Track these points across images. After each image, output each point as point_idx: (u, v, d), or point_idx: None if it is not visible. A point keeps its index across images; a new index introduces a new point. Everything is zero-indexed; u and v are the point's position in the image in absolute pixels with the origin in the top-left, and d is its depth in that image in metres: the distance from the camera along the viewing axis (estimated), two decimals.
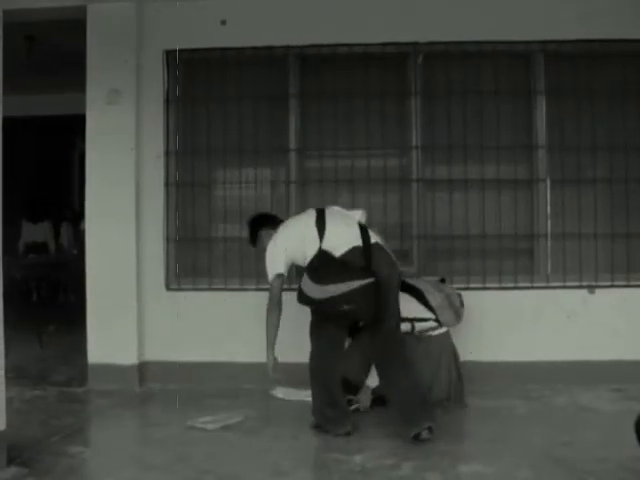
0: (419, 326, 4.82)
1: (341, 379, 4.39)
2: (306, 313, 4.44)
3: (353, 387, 4.74)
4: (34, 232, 10.33)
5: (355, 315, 4.22)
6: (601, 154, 5.49)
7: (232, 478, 3.68)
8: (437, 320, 4.86)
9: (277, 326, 4.39)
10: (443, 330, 4.90)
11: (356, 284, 4.06)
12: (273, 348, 4.40)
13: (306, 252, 4.32)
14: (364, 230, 4.34)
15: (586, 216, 5.49)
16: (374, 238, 4.32)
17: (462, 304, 4.98)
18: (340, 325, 4.36)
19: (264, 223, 4.74)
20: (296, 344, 4.59)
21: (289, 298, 4.40)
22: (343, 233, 4.30)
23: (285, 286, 4.48)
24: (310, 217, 4.43)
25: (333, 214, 4.46)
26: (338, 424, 4.26)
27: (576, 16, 5.33)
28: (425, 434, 4.03)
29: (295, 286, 4.46)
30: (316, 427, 4.35)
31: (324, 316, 4.28)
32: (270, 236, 4.53)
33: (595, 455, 3.86)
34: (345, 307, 4.09)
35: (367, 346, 4.44)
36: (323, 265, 4.20)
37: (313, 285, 4.13)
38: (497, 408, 4.83)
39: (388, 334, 4.24)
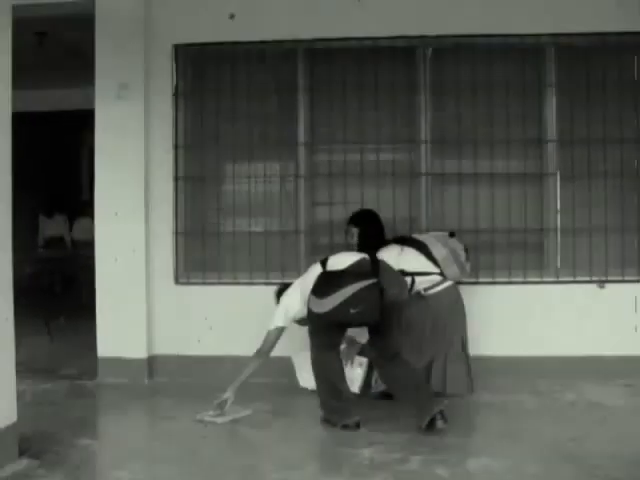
0: (422, 281, 4.81)
1: (343, 370, 4.41)
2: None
3: None
4: (51, 226, 10.56)
5: (363, 317, 4.21)
6: (611, 148, 5.46)
7: (241, 471, 3.69)
8: (442, 274, 4.87)
9: (254, 370, 4.53)
10: (449, 283, 4.91)
11: (360, 285, 4.11)
12: (237, 386, 4.51)
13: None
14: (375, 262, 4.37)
15: (596, 210, 5.47)
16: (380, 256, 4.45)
17: (468, 259, 5.00)
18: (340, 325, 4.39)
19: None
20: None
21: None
22: (347, 257, 4.38)
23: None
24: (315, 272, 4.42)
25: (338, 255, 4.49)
26: (344, 415, 4.27)
27: (587, 9, 5.30)
28: (440, 424, 4.07)
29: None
30: (325, 421, 4.36)
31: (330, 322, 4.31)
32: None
33: (605, 450, 3.86)
34: (352, 311, 4.12)
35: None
36: (326, 280, 4.24)
37: (319, 300, 4.19)
38: (506, 403, 4.82)
39: (388, 340, 4.33)
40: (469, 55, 5.51)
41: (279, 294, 4.72)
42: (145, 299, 5.53)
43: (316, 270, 4.38)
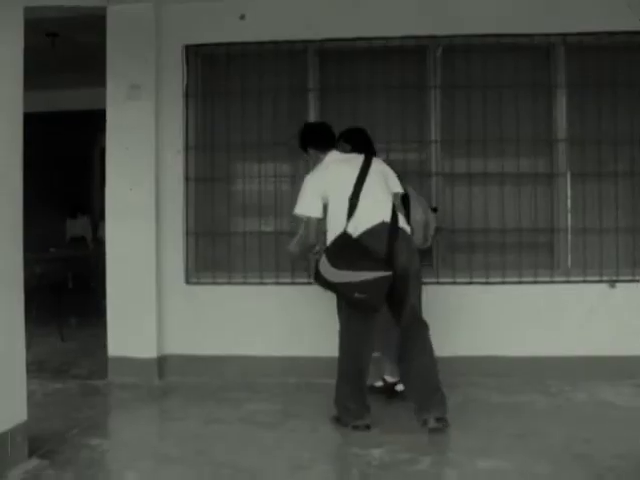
0: None
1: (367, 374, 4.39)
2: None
3: None
4: (75, 227, 11.00)
5: (366, 304, 4.17)
6: (622, 147, 5.44)
7: (251, 471, 3.70)
8: None
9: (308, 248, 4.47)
10: None
11: (369, 275, 4.05)
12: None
13: (333, 205, 4.30)
14: (394, 212, 4.29)
15: (607, 210, 5.45)
16: (401, 221, 4.30)
17: (433, 237, 4.92)
18: (367, 315, 4.30)
19: (313, 142, 4.63)
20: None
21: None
22: (373, 208, 4.25)
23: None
24: (354, 169, 4.34)
25: (374, 179, 4.34)
26: (357, 417, 4.26)
27: (597, 8, 5.27)
28: (432, 423, 4.09)
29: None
30: (336, 420, 4.36)
31: (345, 301, 4.28)
32: (317, 158, 4.55)
33: (615, 451, 3.84)
34: (357, 295, 4.09)
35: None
36: (342, 249, 4.18)
37: (330, 267, 4.13)
38: (516, 403, 4.81)
39: (410, 319, 4.26)
40: (479, 55, 5.49)
41: (303, 137, 4.67)
42: (156, 299, 5.55)
43: (353, 173, 4.29)
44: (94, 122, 8.38)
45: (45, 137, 9.85)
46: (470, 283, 5.39)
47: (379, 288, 4.08)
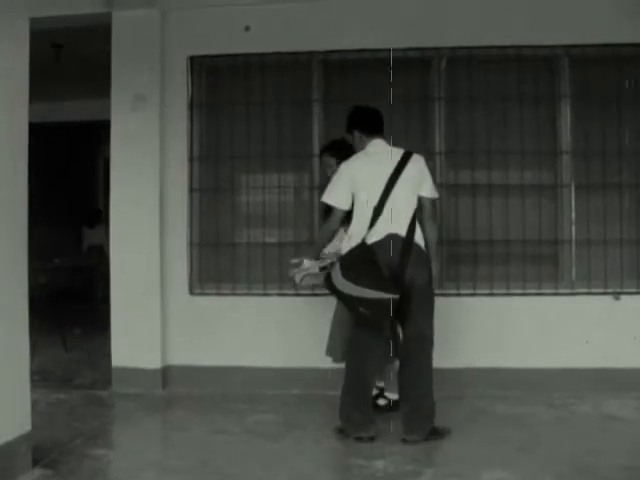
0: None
1: (373, 386, 4.38)
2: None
3: None
4: (92, 236, 11.26)
5: (369, 319, 4.17)
6: (626, 159, 5.44)
7: None
8: None
9: (328, 238, 4.47)
10: None
11: (375, 295, 4.04)
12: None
13: (359, 209, 4.29)
14: (413, 224, 4.25)
15: (611, 221, 5.44)
16: (417, 235, 4.26)
17: None
18: (377, 330, 4.30)
19: (360, 124, 4.55)
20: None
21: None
22: (392, 219, 4.21)
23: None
24: (387, 169, 4.28)
25: (403, 185, 4.26)
26: (361, 428, 4.25)
27: (600, 20, 5.28)
28: (409, 443, 4.15)
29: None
30: (339, 431, 4.35)
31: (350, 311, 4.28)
32: (360, 143, 4.49)
33: (620, 463, 3.83)
34: (361, 309, 4.10)
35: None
36: (356, 261, 4.16)
37: (340, 278, 4.12)
38: (521, 415, 4.80)
39: (412, 334, 4.25)
40: (483, 67, 5.50)
41: (350, 118, 4.58)
42: (160, 309, 5.55)
43: (386, 171, 4.25)
44: (98, 133, 8.42)
45: (49, 148, 9.87)
46: (474, 295, 5.39)
47: (383, 308, 4.07)
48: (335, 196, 4.35)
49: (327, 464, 4.06)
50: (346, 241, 4.32)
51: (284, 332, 5.48)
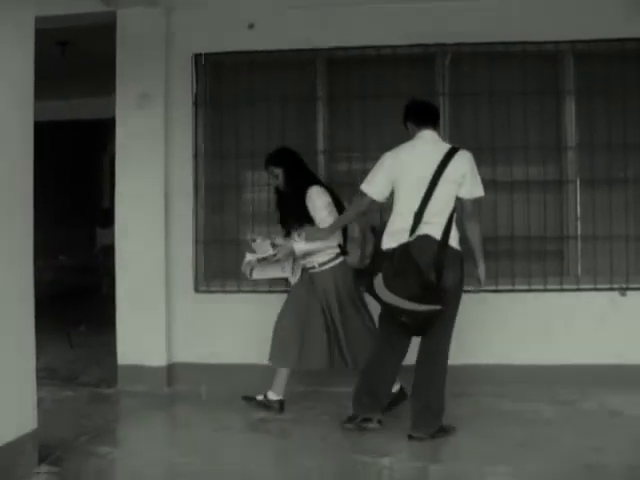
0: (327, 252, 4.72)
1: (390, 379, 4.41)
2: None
3: None
4: (104, 236, 11.43)
5: (407, 328, 4.18)
6: (631, 154, 5.43)
7: (260, 479, 3.69)
8: (343, 252, 4.72)
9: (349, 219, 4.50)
10: (339, 260, 4.72)
11: (421, 307, 4.01)
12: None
13: (398, 208, 4.25)
14: (450, 220, 4.18)
15: (617, 217, 5.42)
16: (452, 236, 4.19)
17: (370, 255, 4.70)
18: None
19: (411, 116, 4.44)
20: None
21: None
22: (431, 217, 4.14)
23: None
24: (429, 163, 4.16)
25: (444, 185, 4.15)
26: (370, 411, 4.28)
27: (605, 15, 5.26)
28: (415, 440, 4.14)
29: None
30: (349, 419, 4.33)
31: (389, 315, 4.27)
32: (412, 133, 4.40)
33: (625, 461, 3.83)
34: (401, 318, 4.10)
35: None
36: (398, 270, 4.06)
37: (383, 287, 4.07)
38: (526, 411, 4.79)
39: (428, 348, 4.24)
40: (488, 63, 5.49)
41: (407, 110, 4.48)
42: (165, 307, 5.56)
43: (430, 167, 4.14)
44: (104, 131, 8.44)
45: (55, 146, 9.89)
46: (479, 291, 5.36)
47: (426, 321, 4.07)
48: (373, 185, 4.28)
49: (333, 461, 4.04)
50: (387, 239, 4.23)
51: None
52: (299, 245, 4.68)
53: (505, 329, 5.30)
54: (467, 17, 5.39)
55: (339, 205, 4.79)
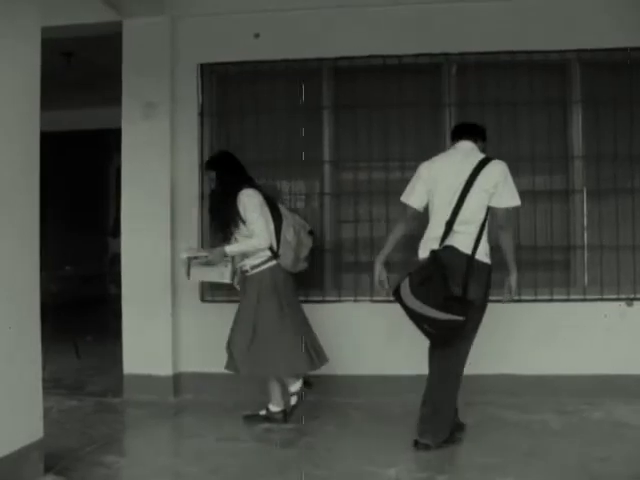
0: (248, 263, 4.77)
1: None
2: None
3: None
4: (115, 245, 11.55)
5: (431, 337, 4.17)
6: (638, 164, 5.41)
7: None
8: (275, 255, 4.75)
9: (395, 238, 4.40)
10: (273, 263, 4.74)
11: (442, 317, 4.01)
12: (383, 256, 4.39)
13: (433, 219, 4.27)
14: (480, 231, 4.18)
15: (623, 227, 5.41)
16: (479, 251, 4.18)
17: (307, 259, 4.91)
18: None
19: (452, 133, 4.58)
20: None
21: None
22: (461, 227, 4.16)
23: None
24: (460, 174, 4.18)
25: (475, 195, 4.15)
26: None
27: (611, 24, 5.26)
28: (421, 446, 4.12)
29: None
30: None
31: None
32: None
33: (632, 471, 3.80)
34: (425, 326, 4.09)
35: None
36: (426, 279, 4.09)
37: (409, 294, 4.09)
38: (532, 422, 4.77)
39: (452, 346, 4.20)
40: (494, 72, 5.50)
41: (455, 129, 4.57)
42: (171, 317, 5.56)
43: (461, 177, 4.16)
44: (110, 141, 8.45)
45: (60, 156, 9.93)
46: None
47: (448, 328, 4.05)
48: (413, 195, 4.34)
49: (339, 471, 4.02)
50: (422, 247, 4.26)
51: None
52: (230, 247, 4.74)
53: (511, 339, 5.28)
54: (473, 26, 5.40)
55: (275, 209, 4.84)
